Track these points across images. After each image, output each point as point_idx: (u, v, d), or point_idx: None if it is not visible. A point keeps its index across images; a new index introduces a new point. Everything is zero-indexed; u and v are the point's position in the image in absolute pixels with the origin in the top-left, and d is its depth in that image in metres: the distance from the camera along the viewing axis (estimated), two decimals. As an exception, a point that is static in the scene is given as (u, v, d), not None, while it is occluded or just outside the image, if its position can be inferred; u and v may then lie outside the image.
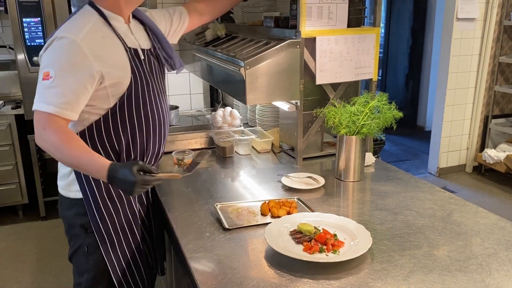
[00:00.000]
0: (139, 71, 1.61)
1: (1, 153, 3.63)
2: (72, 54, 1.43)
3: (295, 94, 2.07)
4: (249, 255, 1.40)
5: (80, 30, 1.45)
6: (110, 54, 1.52)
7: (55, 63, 1.43)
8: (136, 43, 1.64)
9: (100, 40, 1.50)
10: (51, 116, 1.39)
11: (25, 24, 3.42)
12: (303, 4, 1.96)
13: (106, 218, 1.63)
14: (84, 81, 1.44)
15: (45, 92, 1.41)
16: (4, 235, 3.59)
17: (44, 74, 1.41)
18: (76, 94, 1.43)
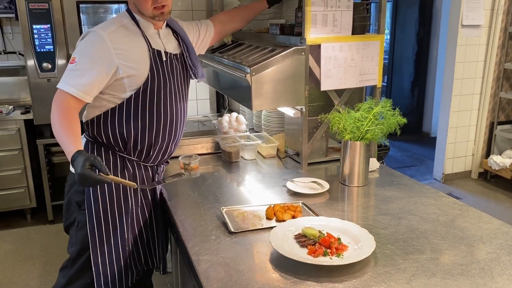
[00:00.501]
0: (158, 70, 1.76)
1: (11, 158, 3.68)
2: (96, 45, 1.65)
3: (300, 100, 2.10)
4: (254, 258, 1.42)
5: (109, 27, 1.69)
6: (131, 50, 1.70)
7: (81, 51, 1.66)
8: (161, 46, 1.80)
9: (125, 37, 1.70)
10: (66, 95, 1.60)
11: (35, 30, 3.47)
12: (308, 12, 1.99)
13: (99, 199, 1.72)
14: (102, 70, 1.63)
15: (68, 74, 1.63)
16: (12, 238, 3.63)
17: (72, 59, 1.65)
18: (92, 80, 1.62)
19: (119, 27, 1.72)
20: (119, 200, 1.76)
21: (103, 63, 1.64)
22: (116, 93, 1.72)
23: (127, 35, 1.72)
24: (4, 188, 3.71)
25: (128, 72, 1.69)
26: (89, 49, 1.67)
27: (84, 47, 1.67)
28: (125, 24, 1.74)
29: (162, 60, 1.79)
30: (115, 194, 1.75)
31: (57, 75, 3.59)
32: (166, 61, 1.80)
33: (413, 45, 6.41)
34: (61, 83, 1.63)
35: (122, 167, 1.79)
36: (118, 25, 1.72)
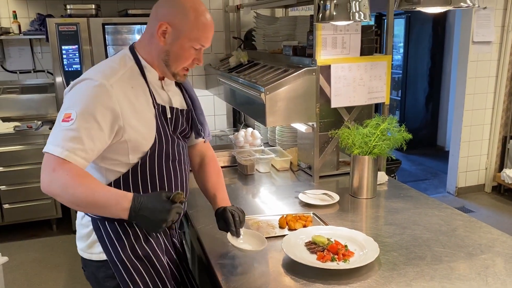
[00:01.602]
0: (165, 131, 1.51)
1: (39, 170, 3.81)
2: (99, 98, 1.33)
3: (312, 116, 2.25)
4: (268, 262, 1.56)
5: (111, 75, 1.38)
6: (136, 108, 1.42)
7: (78, 105, 1.32)
8: (166, 100, 1.54)
9: (129, 90, 1.41)
10: (63, 160, 1.28)
11: (64, 51, 3.71)
12: (319, 35, 2.15)
13: (136, 279, 1.46)
14: (105, 129, 1.34)
15: (61, 135, 1.29)
16: (39, 247, 3.82)
17: (65, 116, 1.31)
18: (94, 142, 1.33)
19: (123, 75, 1.41)
20: (157, 271, 1.51)
21: (106, 121, 1.34)
22: (118, 157, 1.44)
23: (131, 87, 1.42)
24: (32, 199, 3.92)
25: (132, 135, 1.40)
26: (88, 103, 1.32)
27: (81, 99, 1.33)
28: (129, 71, 1.44)
29: (167, 117, 1.52)
30: (151, 267, 1.50)
31: (83, 93, 3.80)
32: (171, 118, 1.54)
33: (427, 60, 6.52)
34: (55, 147, 1.28)
35: (145, 237, 1.51)
36: (123, 72, 1.42)
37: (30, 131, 3.82)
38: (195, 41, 1.44)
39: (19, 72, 4.33)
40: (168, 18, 1.41)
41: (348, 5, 1.80)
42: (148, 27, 1.49)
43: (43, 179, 1.31)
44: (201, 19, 1.43)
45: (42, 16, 4.09)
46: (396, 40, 6.84)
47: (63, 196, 1.31)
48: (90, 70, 1.44)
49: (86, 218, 1.53)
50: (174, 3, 1.43)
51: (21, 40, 4.24)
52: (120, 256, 1.46)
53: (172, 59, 1.45)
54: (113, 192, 1.34)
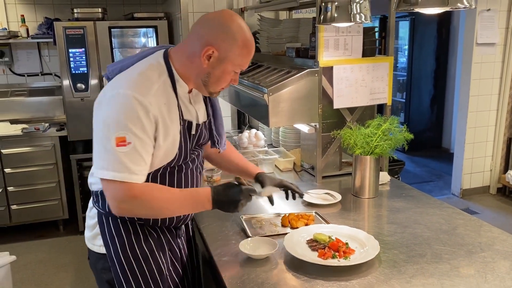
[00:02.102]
0: (186, 147, 1.52)
1: (46, 172, 3.95)
2: (143, 119, 1.34)
3: (314, 117, 2.27)
4: (270, 260, 1.58)
5: (147, 90, 1.37)
6: (166, 125, 1.42)
7: (128, 127, 1.32)
8: (193, 115, 1.54)
9: (162, 106, 1.40)
10: (138, 184, 1.35)
11: (71, 54, 3.77)
12: (321, 37, 2.18)
13: (130, 278, 1.50)
14: (151, 145, 1.39)
15: (126, 160, 1.32)
16: (47, 248, 3.87)
17: (118, 140, 1.31)
18: (149, 156, 1.39)
19: (157, 90, 1.39)
20: (152, 272, 1.53)
21: (151, 138, 1.38)
22: None
23: (164, 103, 1.41)
24: (40, 200, 3.98)
25: (156, 152, 1.42)
26: (138, 124, 1.33)
27: (130, 121, 1.32)
28: (162, 84, 1.42)
29: (191, 134, 1.53)
30: (146, 267, 1.52)
31: (89, 95, 3.87)
32: (195, 134, 1.56)
33: (432, 62, 6.52)
34: (124, 174, 1.32)
35: (144, 237, 1.54)
36: (157, 86, 1.40)
37: (38, 133, 3.88)
38: (238, 66, 1.47)
39: (27, 75, 4.40)
40: (216, 43, 1.40)
41: (349, 7, 1.82)
42: (189, 44, 1.45)
43: (121, 206, 1.36)
44: (248, 47, 1.44)
45: (50, 20, 4.16)
46: (401, 43, 6.86)
47: (154, 215, 1.48)
48: (125, 80, 1.40)
49: (93, 211, 1.57)
50: (224, 29, 1.40)
51: (29, 44, 4.31)
52: (118, 253, 1.50)
53: (213, 81, 1.46)
54: (193, 193, 1.49)
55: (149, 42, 4.26)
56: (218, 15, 1.43)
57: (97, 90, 3.90)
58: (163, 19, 4.02)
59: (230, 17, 1.42)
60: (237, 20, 1.42)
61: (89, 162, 4.13)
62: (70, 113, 3.88)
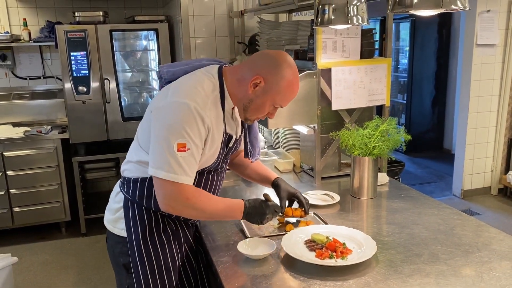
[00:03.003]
0: (220, 157, 1.66)
1: (48, 174, 3.97)
2: (200, 128, 1.48)
3: (313, 119, 2.29)
4: (268, 260, 1.60)
5: (205, 104, 1.49)
6: (213, 137, 1.55)
7: (188, 135, 1.46)
8: (234, 130, 1.67)
9: (214, 119, 1.53)
10: (188, 186, 1.50)
11: (73, 57, 3.80)
12: (319, 39, 2.19)
13: (145, 261, 1.61)
14: (201, 152, 1.54)
15: (185, 164, 1.47)
16: (49, 249, 3.89)
17: (180, 146, 1.45)
18: (198, 163, 1.54)
19: (211, 104, 1.52)
20: (166, 260, 1.64)
21: (203, 145, 1.53)
22: None
23: (215, 116, 1.54)
24: (42, 203, 4.00)
25: (202, 157, 1.56)
26: (195, 133, 1.47)
27: (190, 129, 1.46)
28: (214, 98, 1.54)
29: (229, 146, 1.68)
30: (161, 254, 1.63)
31: (91, 98, 3.90)
32: (231, 147, 1.70)
33: (432, 64, 6.53)
34: (183, 176, 1.47)
35: (164, 227, 1.65)
36: (210, 100, 1.53)
37: (40, 136, 3.90)
38: (278, 103, 1.60)
39: (29, 78, 4.43)
40: (265, 75, 1.52)
41: (346, 9, 1.84)
42: (243, 68, 1.58)
43: (173, 205, 1.51)
44: (291, 89, 1.58)
45: (52, 23, 4.19)
46: (402, 44, 6.87)
47: (197, 216, 1.63)
48: (186, 90, 1.51)
49: (119, 196, 1.69)
50: (275, 65, 1.53)
51: (31, 47, 4.34)
52: (138, 237, 1.61)
53: (252, 108, 1.58)
54: (230, 202, 1.65)
55: (150, 45, 4.29)
56: (275, 53, 1.57)
57: (98, 92, 3.93)
58: (164, 22, 4.05)
59: (284, 58, 1.55)
60: (289, 62, 1.56)
61: (91, 164, 4.17)
62: (72, 115, 3.90)
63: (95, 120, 3.97)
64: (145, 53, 4.35)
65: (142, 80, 4.40)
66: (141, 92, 4.43)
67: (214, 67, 1.62)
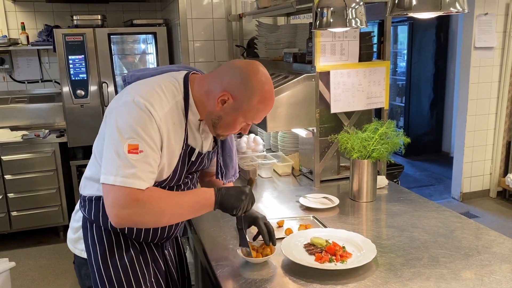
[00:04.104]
0: (182, 170, 1.51)
1: (46, 178, 3.95)
2: (153, 131, 1.34)
3: (312, 122, 2.28)
4: (268, 264, 1.59)
5: (161, 107, 1.36)
6: (170, 144, 1.42)
7: (141, 136, 1.32)
8: (198, 143, 1.53)
9: (171, 126, 1.40)
10: (141, 190, 1.32)
11: (71, 61, 3.79)
12: (318, 42, 2.19)
13: (106, 286, 1.48)
14: (159, 158, 1.39)
15: (137, 167, 1.31)
16: (46, 253, 3.87)
17: (131, 147, 1.30)
18: (157, 169, 1.39)
19: (170, 109, 1.39)
20: (129, 284, 1.49)
21: (159, 150, 1.38)
22: None
23: (173, 123, 1.41)
24: (40, 207, 3.98)
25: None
26: (149, 135, 1.33)
27: (143, 131, 1.32)
28: (175, 106, 1.41)
29: (190, 160, 1.52)
30: (124, 278, 1.49)
31: (89, 101, 3.89)
32: (194, 161, 1.54)
33: (431, 67, 6.54)
34: (133, 180, 1.30)
35: (126, 247, 1.52)
36: (170, 106, 1.39)
37: (38, 140, 3.89)
38: (250, 119, 1.46)
39: (27, 82, 4.42)
40: (233, 90, 1.39)
41: (344, 12, 1.84)
42: (211, 80, 1.44)
43: (121, 213, 1.31)
44: (264, 105, 1.43)
45: (50, 27, 4.19)
46: (400, 47, 6.88)
47: (158, 221, 1.40)
48: (141, 88, 1.39)
49: (78, 214, 1.57)
50: (244, 79, 1.39)
51: (29, 51, 4.33)
52: (98, 260, 1.49)
53: (222, 124, 1.45)
54: (196, 195, 1.47)
55: (149, 49, 4.29)
56: (244, 66, 1.42)
57: (96, 96, 3.92)
58: (162, 26, 4.04)
59: (254, 71, 1.40)
60: (260, 75, 1.40)
61: (89, 168, 4.14)
62: (70, 119, 3.89)
63: (93, 124, 3.95)
64: (144, 56, 4.35)
65: (140, 84, 4.39)
66: (140, 95, 4.41)
67: (182, 72, 1.49)
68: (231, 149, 1.70)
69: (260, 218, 1.64)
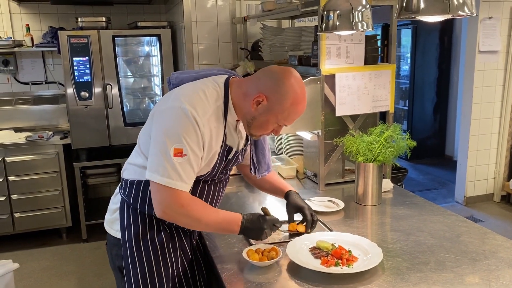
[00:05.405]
0: (219, 167, 1.63)
1: (49, 179, 3.95)
2: (197, 136, 1.46)
3: (317, 125, 2.28)
4: (273, 267, 1.58)
5: (205, 113, 1.47)
6: (210, 146, 1.53)
7: (185, 140, 1.44)
8: (235, 142, 1.64)
9: (213, 129, 1.51)
10: (186, 193, 1.48)
11: (75, 62, 3.80)
12: (323, 45, 2.19)
13: (137, 265, 1.59)
14: (200, 160, 1.51)
15: (181, 171, 1.44)
16: (49, 255, 3.87)
17: (177, 151, 1.44)
18: (197, 171, 1.52)
19: (212, 114, 1.50)
20: (158, 265, 1.61)
21: (201, 152, 1.50)
22: None
23: (215, 127, 1.52)
24: (43, 208, 3.98)
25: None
26: (193, 140, 1.45)
27: (187, 136, 1.44)
28: (216, 109, 1.52)
29: (228, 158, 1.64)
30: (154, 259, 1.60)
31: (93, 103, 3.90)
32: (231, 159, 1.66)
33: (434, 70, 6.53)
34: (178, 182, 1.45)
35: (158, 231, 1.63)
36: (212, 110, 1.50)
37: (42, 141, 3.89)
38: (282, 121, 1.54)
39: (31, 84, 4.43)
40: (268, 92, 1.49)
41: (351, 15, 1.83)
42: (249, 83, 1.55)
43: (167, 211, 1.48)
44: (295, 108, 1.52)
45: (54, 29, 4.20)
46: (403, 51, 6.87)
47: (191, 225, 1.57)
48: (187, 94, 1.50)
49: (118, 197, 1.69)
50: (279, 82, 1.48)
51: (34, 53, 4.34)
52: (131, 240, 1.60)
53: (255, 125, 1.55)
54: (227, 215, 1.60)
55: (153, 51, 4.29)
56: (280, 70, 1.52)
57: (100, 98, 3.92)
58: (166, 28, 4.05)
59: (287, 75, 1.49)
60: (293, 80, 1.49)
61: (93, 170, 4.16)
62: (74, 121, 3.89)
63: (97, 126, 3.96)
64: (148, 59, 4.35)
65: (144, 86, 4.40)
66: (143, 97, 4.42)
67: (223, 76, 1.60)
68: (264, 147, 1.80)
69: (306, 208, 1.79)
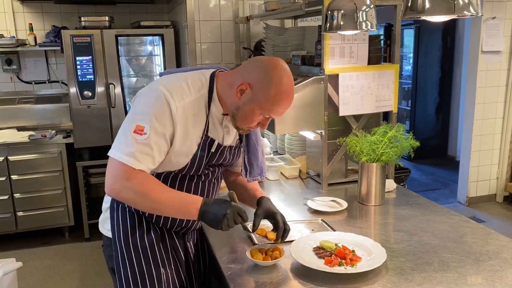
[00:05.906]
0: (201, 161, 1.55)
1: (52, 178, 3.96)
2: (166, 119, 1.42)
3: (320, 124, 2.28)
4: (277, 267, 1.58)
5: (185, 97, 1.45)
6: (188, 133, 1.48)
7: (151, 120, 1.41)
8: (219, 135, 1.57)
9: (191, 115, 1.47)
10: (136, 170, 1.41)
11: (78, 62, 3.80)
12: (327, 45, 2.19)
13: (127, 265, 1.56)
14: (166, 146, 1.46)
15: (136, 147, 1.40)
16: (52, 254, 3.87)
17: (138, 128, 1.40)
18: (161, 155, 1.46)
19: (192, 102, 1.47)
20: (148, 265, 1.56)
21: (168, 138, 1.45)
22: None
23: (194, 114, 1.48)
24: (46, 207, 3.99)
25: (170, 157, 1.50)
26: (158, 121, 1.41)
27: (153, 115, 1.42)
28: (199, 98, 1.49)
29: (210, 151, 1.56)
30: (143, 259, 1.56)
31: (96, 102, 3.90)
32: (214, 152, 1.57)
33: (437, 70, 6.52)
34: (130, 158, 1.39)
35: (148, 231, 1.60)
36: (192, 98, 1.47)
37: (44, 140, 3.90)
38: (267, 112, 1.47)
39: (34, 83, 4.43)
40: (251, 80, 1.44)
41: (355, 15, 1.83)
42: (235, 74, 1.51)
43: (113, 185, 1.43)
44: (280, 97, 1.44)
45: (57, 28, 4.20)
46: (406, 51, 6.86)
47: (137, 202, 1.45)
48: (168, 80, 1.49)
49: (108, 197, 1.66)
50: (263, 70, 1.44)
51: (37, 52, 4.35)
52: (120, 239, 1.58)
53: (240, 116, 1.49)
54: (185, 196, 1.51)
55: (156, 50, 4.29)
56: (266, 59, 1.49)
57: (103, 97, 3.92)
58: (169, 28, 4.05)
59: (274, 64, 1.45)
60: (280, 69, 1.43)
61: (95, 169, 4.16)
62: (77, 120, 3.90)
63: (100, 125, 3.97)
64: (150, 58, 4.35)
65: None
66: (146, 97, 4.42)
67: (210, 69, 1.57)
68: (256, 148, 1.72)
69: (279, 214, 1.66)
